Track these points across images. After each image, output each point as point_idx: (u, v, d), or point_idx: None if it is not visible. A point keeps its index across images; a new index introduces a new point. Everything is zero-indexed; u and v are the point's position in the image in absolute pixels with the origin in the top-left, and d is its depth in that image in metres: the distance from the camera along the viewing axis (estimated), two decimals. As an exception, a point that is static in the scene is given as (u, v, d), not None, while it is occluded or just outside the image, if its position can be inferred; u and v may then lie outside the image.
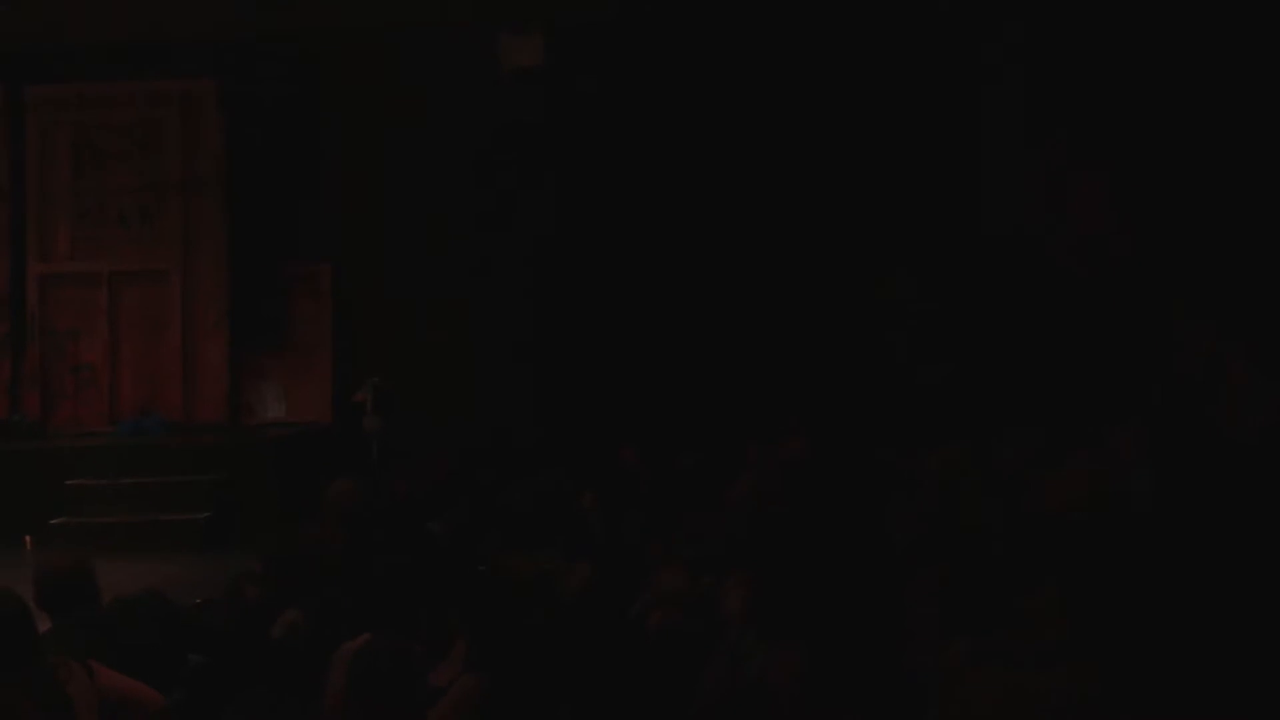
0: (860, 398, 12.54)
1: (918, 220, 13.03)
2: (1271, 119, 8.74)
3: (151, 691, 5.47)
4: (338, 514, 7.90)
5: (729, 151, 13.69)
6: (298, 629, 6.41)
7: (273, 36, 14.21)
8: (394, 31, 14.07)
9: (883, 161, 13.25)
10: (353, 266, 14.29)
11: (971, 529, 6.61)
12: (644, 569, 7.06)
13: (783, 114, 13.61)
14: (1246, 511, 5.14)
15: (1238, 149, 9.24)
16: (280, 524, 8.57)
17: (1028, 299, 11.88)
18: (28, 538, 12.53)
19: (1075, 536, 4.75)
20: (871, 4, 13.44)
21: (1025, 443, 7.58)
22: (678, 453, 10.28)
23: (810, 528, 5.80)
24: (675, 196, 13.72)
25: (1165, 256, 10.09)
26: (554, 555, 7.48)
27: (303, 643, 6.12)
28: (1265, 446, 5.61)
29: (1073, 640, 4.40)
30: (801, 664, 4.72)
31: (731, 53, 13.70)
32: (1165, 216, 9.74)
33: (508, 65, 13.82)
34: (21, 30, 14.30)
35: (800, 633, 4.85)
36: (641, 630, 6.34)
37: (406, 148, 14.07)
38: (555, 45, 13.82)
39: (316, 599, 6.57)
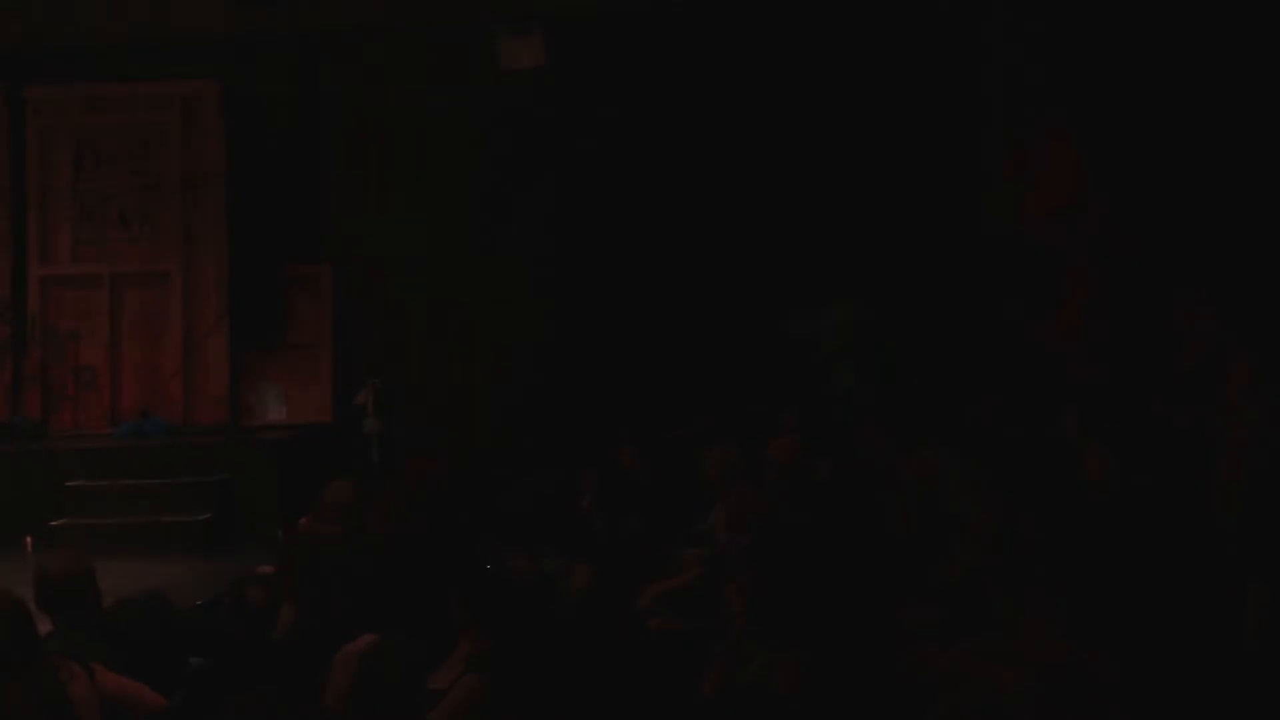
0: (860, 397, 12.54)
1: (918, 218, 13.03)
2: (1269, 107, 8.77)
3: (152, 693, 5.48)
4: (336, 515, 7.92)
5: (727, 148, 13.68)
6: (296, 629, 6.43)
7: (273, 38, 14.20)
8: (394, 32, 14.07)
9: (880, 158, 13.25)
10: (353, 268, 14.29)
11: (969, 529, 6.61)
12: (644, 569, 7.06)
13: (776, 113, 13.61)
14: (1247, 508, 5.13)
15: (1237, 136, 9.28)
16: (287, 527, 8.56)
17: (1021, 296, 11.89)
18: (28, 539, 12.51)
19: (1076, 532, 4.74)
20: (868, 9, 13.44)
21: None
22: (676, 453, 10.29)
23: (808, 529, 5.81)
24: (675, 196, 13.70)
25: (1164, 246, 10.11)
26: (554, 556, 7.50)
27: (303, 643, 6.12)
28: (1265, 443, 5.58)
29: (1072, 636, 4.40)
30: (801, 666, 4.73)
31: (728, 53, 13.70)
32: (1161, 203, 9.77)
33: (507, 66, 13.81)
34: (22, 31, 14.29)
35: (800, 635, 4.86)
36: (642, 631, 6.35)
37: (406, 148, 14.07)
38: (555, 45, 13.81)
39: (317, 600, 6.59)
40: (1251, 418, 5.90)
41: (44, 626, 5.68)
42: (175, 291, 14.31)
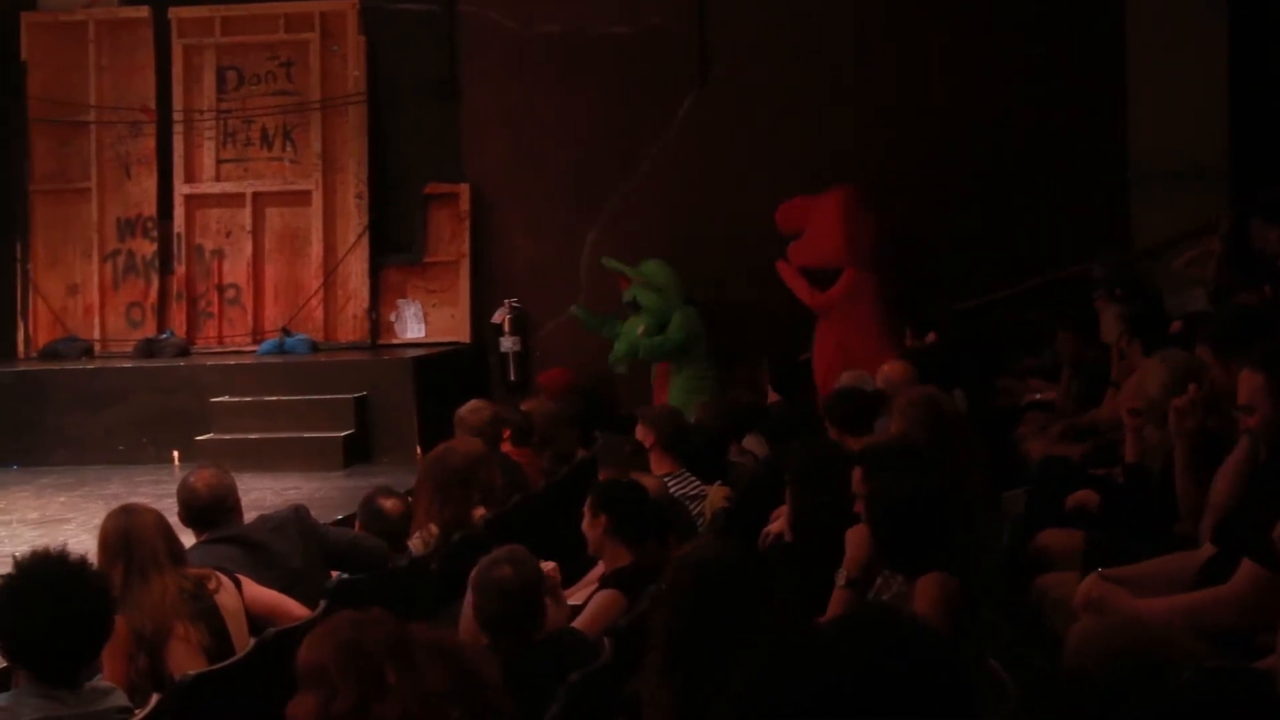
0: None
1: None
2: None
3: (296, 605, 5.56)
4: (471, 434, 7.98)
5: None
6: (437, 545, 6.49)
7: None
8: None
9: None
10: (492, 187, 14.30)
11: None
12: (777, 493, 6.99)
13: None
14: None
15: None
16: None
17: None
18: (175, 453, 12.82)
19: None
20: None
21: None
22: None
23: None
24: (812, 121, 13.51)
25: None
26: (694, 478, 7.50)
27: (443, 559, 6.19)
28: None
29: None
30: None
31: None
32: None
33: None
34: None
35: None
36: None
37: (544, 68, 14.00)
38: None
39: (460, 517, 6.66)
40: None
41: (189, 540, 5.79)
42: (316, 210, 14.46)
